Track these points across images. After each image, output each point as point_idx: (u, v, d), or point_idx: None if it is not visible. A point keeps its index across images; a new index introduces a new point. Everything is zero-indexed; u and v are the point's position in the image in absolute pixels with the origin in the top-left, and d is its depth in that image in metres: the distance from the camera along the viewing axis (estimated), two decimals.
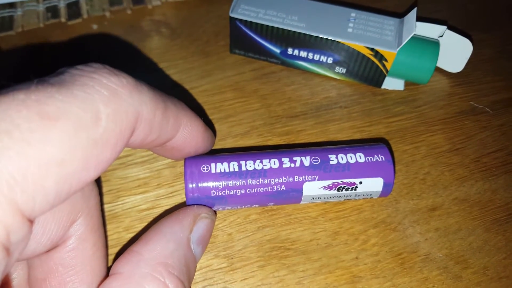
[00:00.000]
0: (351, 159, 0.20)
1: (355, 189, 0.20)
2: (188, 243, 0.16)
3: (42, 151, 0.11)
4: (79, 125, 0.11)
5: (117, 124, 0.13)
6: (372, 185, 0.20)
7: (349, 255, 0.21)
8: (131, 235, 0.21)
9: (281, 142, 0.25)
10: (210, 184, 0.19)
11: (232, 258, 0.20)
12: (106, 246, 0.17)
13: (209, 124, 0.25)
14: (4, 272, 0.10)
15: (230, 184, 0.19)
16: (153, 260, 0.15)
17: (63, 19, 0.30)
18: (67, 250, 0.15)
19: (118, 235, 0.21)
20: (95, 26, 0.30)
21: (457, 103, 0.27)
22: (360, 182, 0.20)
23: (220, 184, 0.19)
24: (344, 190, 0.20)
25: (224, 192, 0.19)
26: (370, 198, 0.21)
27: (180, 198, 0.22)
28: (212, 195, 0.19)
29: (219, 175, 0.19)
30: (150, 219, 0.21)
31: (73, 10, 0.31)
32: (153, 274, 0.14)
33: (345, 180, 0.20)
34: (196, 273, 0.20)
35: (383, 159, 0.20)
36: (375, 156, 0.20)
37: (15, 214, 0.10)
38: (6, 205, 0.10)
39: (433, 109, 0.27)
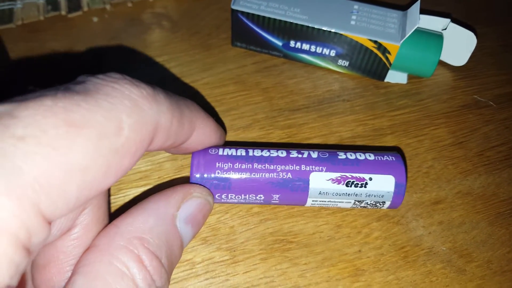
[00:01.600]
0: (360, 156, 0.20)
1: (365, 186, 0.19)
2: (173, 220, 0.16)
3: (67, 157, 0.11)
4: (103, 134, 0.12)
5: (138, 134, 0.13)
6: (383, 183, 0.19)
7: (352, 248, 0.21)
8: None
9: (283, 135, 0.24)
10: (216, 164, 0.19)
11: (234, 251, 0.20)
12: None
13: (218, 120, 0.25)
14: (24, 270, 0.11)
15: (236, 166, 0.19)
16: (129, 234, 0.15)
17: (63, 12, 0.30)
18: (71, 239, 0.15)
19: None
20: (95, 19, 0.30)
21: (460, 96, 0.27)
22: (370, 179, 0.19)
23: (225, 165, 0.19)
24: (353, 186, 0.19)
25: (229, 174, 0.19)
26: (382, 205, 0.20)
27: None
28: (217, 175, 0.19)
29: (226, 157, 0.19)
30: None
31: (73, 2, 0.30)
32: (128, 247, 0.14)
33: (354, 175, 0.19)
34: (198, 266, 0.20)
35: (393, 159, 0.20)
36: (385, 156, 0.20)
37: (37, 217, 0.10)
38: (30, 208, 0.10)
39: (437, 102, 0.27)
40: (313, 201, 0.20)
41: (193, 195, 0.17)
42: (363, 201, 0.20)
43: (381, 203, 0.20)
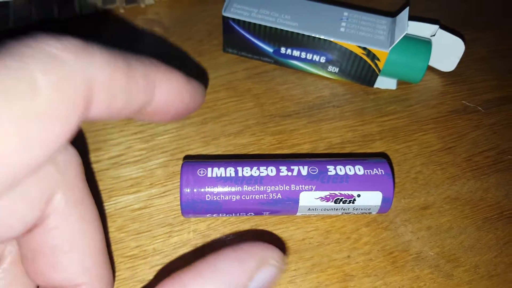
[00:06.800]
0: (350, 171, 0.20)
1: (353, 202, 0.20)
2: None
3: None
4: (12, 97, 0.10)
5: (63, 93, 0.11)
6: (371, 199, 0.20)
7: (341, 254, 0.21)
8: (123, 235, 0.21)
9: (274, 141, 0.25)
10: (206, 188, 0.19)
11: None
12: (99, 218, 0.15)
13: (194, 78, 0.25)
14: None
15: (226, 189, 0.19)
16: None
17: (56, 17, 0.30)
18: (48, 230, 0.13)
19: (111, 235, 0.21)
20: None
21: (449, 102, 0.28)
22: (358, 195, 0.20)
23: (215, 189, 0.19)
24: (341, 202, 0.20)
25: (219, 197, 0.19)
26: (369, 213, 0.21)
27: (173, 197, 0.22)
28: (206, 199, 0.19)
29: (215, 180, 0.19)
30: (142, 218, 0.21)
31: (65, 8, 0.30)
32: None
33: (342, 192, 0.19)
34: None
35: (383, 173, 0.20)
36: (375, 169, 0.20)
37: None
38: None
39: (425, 108, 0.27)
40: (301, 214, 0.20)
41: (269, 263, 0.15)
42: (350, 212, 0.21)
43: (367, 213, 0.21)
